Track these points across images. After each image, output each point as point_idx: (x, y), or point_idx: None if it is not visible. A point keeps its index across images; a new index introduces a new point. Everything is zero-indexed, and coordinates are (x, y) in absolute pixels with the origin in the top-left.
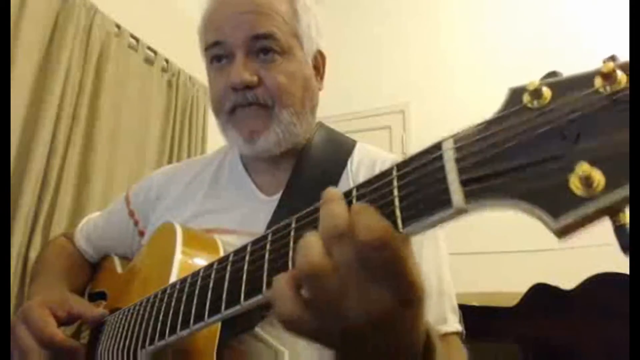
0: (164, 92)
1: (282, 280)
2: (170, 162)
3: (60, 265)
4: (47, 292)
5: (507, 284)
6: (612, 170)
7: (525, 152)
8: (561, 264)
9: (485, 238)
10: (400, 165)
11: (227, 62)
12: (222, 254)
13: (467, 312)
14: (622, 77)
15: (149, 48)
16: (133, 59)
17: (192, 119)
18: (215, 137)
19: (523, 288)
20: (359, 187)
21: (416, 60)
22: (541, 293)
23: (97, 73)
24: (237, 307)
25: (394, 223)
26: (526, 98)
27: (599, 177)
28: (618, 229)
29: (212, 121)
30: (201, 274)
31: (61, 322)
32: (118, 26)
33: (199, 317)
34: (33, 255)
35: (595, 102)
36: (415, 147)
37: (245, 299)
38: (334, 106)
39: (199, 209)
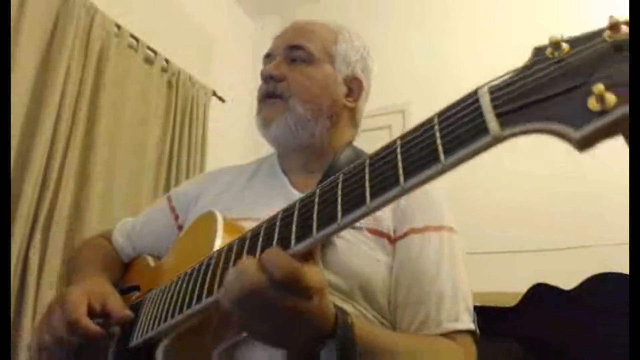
0: (164, 92)
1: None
2: (170, 162)
3: (99, 261)
4: (91, 282)
5: (507, 284)
6: (620, 92)
7: (551, 87)
8: (561, 264)
9: (486, 238)
10: (440, 113)
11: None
12: None
13: None
14: (624, 28)
15: (149, 48)
16: (133, 59)
17: (192, 119)
18: (215, 137)
19: (523, 288)
20: (402, 137)
21: (416, 61)
22: (541, 293)
23: (97, 73)
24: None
25: (436, 157)
26: (548, 51)
27: (610, 97)
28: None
29: (212, 121)
30: (236, 244)
31: (95, 314)
32: (118, 26)
33: None
34: (33, 255)
35: (605, 47)
36: None
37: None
38: None
39: (235, 200)
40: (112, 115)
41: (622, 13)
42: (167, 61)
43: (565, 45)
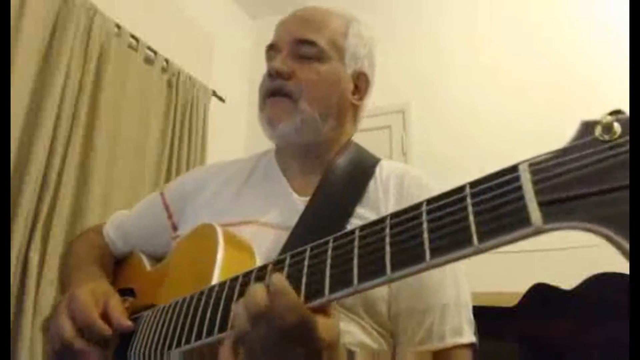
0: (163, 92)
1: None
2: (170, 162)
3: (95, 258)
4: (94, 283)
5: (507, 284)
6: None
7: (599, 180)
8: (561, 264)
9: None
10: (473, 184)
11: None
12: (256, 257)
13: None
14: None
15: (149, 48)
16: (133, 59)
17: (192, 119)
18: (215, 137)
19: (523, 288)
20: (429, 201)
21: (416, 60)
22: (541, 293)
23: (97, 73)
24: None
25: (469, 239)
26: (598, 131)
27: None
28: None
29: (212, 121)
30: (240, 280)
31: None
32: (118, 26)
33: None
34: (33, 255)
35: None
36: (416, 147)
37: None
38: None
39: (234, 201)
40: (112, 115)
41: (621, 13)
42: (167, 61)
43: (616, 126)
